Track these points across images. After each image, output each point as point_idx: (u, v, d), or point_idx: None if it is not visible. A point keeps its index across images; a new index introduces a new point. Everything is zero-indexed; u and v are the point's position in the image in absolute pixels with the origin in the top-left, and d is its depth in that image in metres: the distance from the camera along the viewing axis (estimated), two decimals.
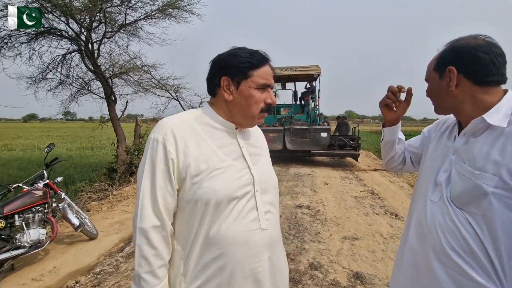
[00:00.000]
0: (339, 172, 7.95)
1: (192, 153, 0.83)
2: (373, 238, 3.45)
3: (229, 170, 0.85)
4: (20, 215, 2.66)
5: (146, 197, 0.81)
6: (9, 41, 6.26)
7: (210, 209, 0.81)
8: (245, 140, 0.97)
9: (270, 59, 0.92)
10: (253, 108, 0.89)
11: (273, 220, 0.93)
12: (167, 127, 0.85)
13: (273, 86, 0.93)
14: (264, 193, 0.91)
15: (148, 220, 0.80)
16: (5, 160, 10.10)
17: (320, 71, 9.36)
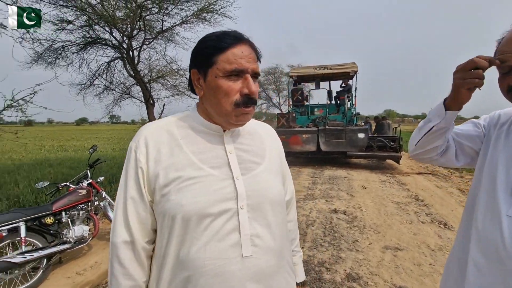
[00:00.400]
0: (378, 175, 7.47)
1: (163, 162, 0.72)
2: (418, 250, 3.13)
3: (203, 181, 0.70)
4: (67, 212, 2.85)
5: (119, 209, 0.73)
6: (62, 51, 6.90)
7: (177, 226, 0.68)
8: (238, 144, 0.80)
9: (245, 37, 0.73)
10: (224, 103, 0.72)
11: (264, 246, 0.72)
12: (142, 133, 0.76)
13: (249, 71, 0.71)
14: (254, 211, 0.72)
15: (118, 235, 0.71)
16: (60, 159, 11.16)
17: (357, 69, 8.92)
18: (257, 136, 0.86)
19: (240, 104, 0.71)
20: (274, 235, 0.74)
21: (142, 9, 6.28)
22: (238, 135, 0.82)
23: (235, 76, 0.70)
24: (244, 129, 0.84)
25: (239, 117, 0.73)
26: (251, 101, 0.73)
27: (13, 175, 7.97)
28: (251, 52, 0.72)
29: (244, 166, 0.76)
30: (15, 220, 2.40)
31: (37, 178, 7.39)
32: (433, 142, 0.92)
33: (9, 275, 2.31)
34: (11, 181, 7.25)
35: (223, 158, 0.75)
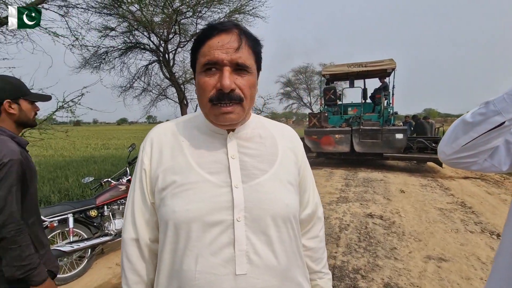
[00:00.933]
0: (418, 179, 6.98)
1: (163, 164, 0.69)
2: (467, 262, 2.85)
3: (199, 187, 0.65)
4: (108, 206, 3.04)
5: (128, 207, 0.74)
6: (106, 56, 7.43)
7: (170, 233, 0.65)
8: (243, 148, 0.71)
9: (229, 25, 0.64)
10: (202, 100, 0.66)
11: (262, 265, 0.63)
12: (150, 135, 0.75)
13: (225, 62, 0.62)
14: (252, 224, 0.64)
15: (127, 232, 0.72)
16: (103, 157, 12.05)
17: (395, 66, 8.42)
18: (269, 139, 0.76)
19: (213, 100, 0.63)
20: (277, 253, 0.65)
21: (178, 14, 6.52)
22: (245, 138, 0.73)
23: (211, 70, 0.63)
24: (254, 131, 0.75)
25: (218, 117, 0.65)
26: (225, 96, 0.62)
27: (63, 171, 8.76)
28: (232, 41, 0.62)
29: (247, 173, 0.68)
30: (65, 212, 2.62)
31: (84, 174, 8.04)
32: (490, 142, 0.73)
33: (59, 262, 2.52)
34: (62, 175, 7.97)
35: (223, 163, 0.68)
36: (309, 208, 0.82)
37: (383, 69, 8.61)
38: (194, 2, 6.49)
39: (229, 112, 0.64)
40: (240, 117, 0.67)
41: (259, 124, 0.79)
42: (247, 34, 0.66)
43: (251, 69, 0.66)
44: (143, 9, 6.22)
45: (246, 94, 0.65)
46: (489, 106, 0.72)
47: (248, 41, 0.65)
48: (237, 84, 0.64)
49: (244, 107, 0.66)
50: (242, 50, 0.63)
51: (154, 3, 6.31)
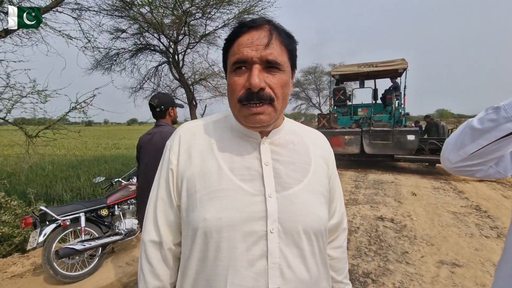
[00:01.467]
0: (430, 181, 6.82)
1: (191, 167, 0.65)
2: (482, 268, 2.76)
3: (231, 195, 0.61)
4: (119, 205, 3.08)
5: (150, 208, 0.70)
6: (117, 58, 7.56)
7: (199, 240, 0.62)
8: (277, 155, 0.68)
9: (259, 22, 0.61)
10: (231, 99, 0.63)
11: (295, 279, 0.61)
12: (178, 132, 0.71)
13: (254, 60, 0.58)
14: (285, 236, 0.61)
15: (148, 234, 0.69)
16: (114, 156, 12.25)
17: (407, 66, 8.26)
18: (302, 146, 0.72)
19: (242, 101, 0.60)
20: (309, 266, 0.63)
21: (187, 15, 6.58)
22: (279, 143, 0.70)
23: (241, 68, 0.60)
24: (287, 137, 0.72)
25: (248, 118, 0.61)
26: (255, 96, 0.58)
27: (75, 170, 8.95)
28: (262, 38, 0.59)
29: (280, 182, 0.65)
30: (77, 211, 2.67)
31: (95, 173, 8.19)
32: (500, 150, 0.68)
33: (71, 260, 2.57)
34: (74, 175, 8.15)
35: (257, 170, 0.65)
36: (335, 218, 0.79)
37: (394, 69, 8.47)
38: (204, 4, 6.53)
39: (259, 113, 0.60)
40: (272, 118, 0.62)
41: (291, 129, 0.75)
42: (279, 29, 0.62)
43: (284, 67, 0.61)
44: (153, 11, 6.30)
45: (277, 94, 0.61)
46: (499, 112, 0.66)
47: (280, 37, 0.61)
48: (267, 83, 0.60)
49: (276, 108, 0.62)
50: (273, 46, 0.59)
51: (164, 5, 6.38)
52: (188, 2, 6.39)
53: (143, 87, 8.29)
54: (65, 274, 2.47)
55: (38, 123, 4.09)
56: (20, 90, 3.74)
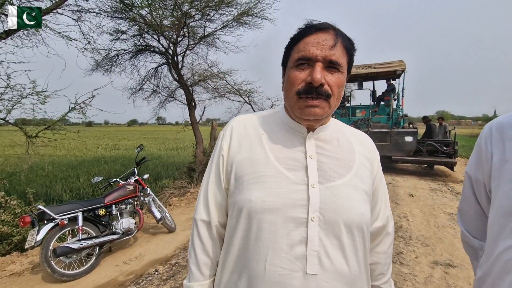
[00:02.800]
0: (427, 183, 6.84)
1: (241, 153, 0.72)
2: None
3: (275, 181, 0.66)
4: (116, 205, 3.11)
5: (202, 190, 0.78)
6: (117, 59, 7.60)
7: (243, 220, 0.67)
8: (321, 149, 0.71)
9: (327, 26, 0.65)
10: (289, 93, 0.67)
11: (333, 269, 0.62)
12: (230, 123, 0.79)
13: (318, 58, 0.63)
14: (326, 226, 0.64)
15: (199, 213, 0.76)
16: (114, 157, 12.29)
17: (405, 67, 8.30)
18: (347, 145, 0.75)
19: (301, 93, 0.65)
20: (349, 260, 0.64)
21: (187, 17, 6.62)
22: (324, 139, 0.73)
23: (303, 65, 0.65)
24: (332, 134, 0.75)
25: (303, 110, 0.66)
26: (314, 90, 0.63)
27: (75, 170, 8.99)
28: (328, 39, 0.64)
29: (323, 174, 0.67)
30: (75, 210, 2.70)
31: (95, 174, 8.23)
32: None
33: (68, 259, 2.60)
34: (73, 175, 8.19)
35: (301, 161, 0.69)
36: (379, 221, 0.78)
37: (392, 71, 8.50)
38: (203, 5, 6.58)
39: (315, 106, 0.65)
40: (325, 113, 0.67)
41: (337, 128, 0.78)
42: (343, 35, 0.67)
43: (343, 69, 0.66)
44: (153, 12, 6.34)
45: (334, 92, 0.65)
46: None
47: (343, 41, 0.66)
48: (326, 81, 0.64)
49: (331, 104, 0.66)
50: (337, 48, 0.64)
51: (164, 6, 6.43)
52: (187, 3, 6.44)
53: (142, 88, 8.32)
54: (62, 272, 2.50)
55: (38, 123, 4.13)
56: (20, 91, 3.78)
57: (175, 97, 8.42)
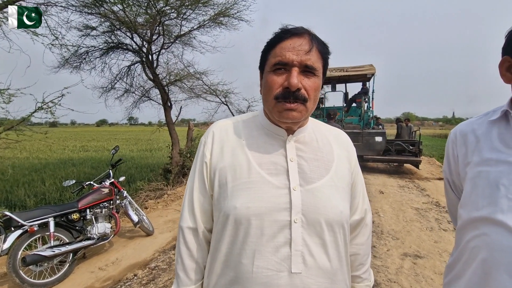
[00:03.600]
0: (396, 180, 7.28)
1: (223, 160, 0.73)
2: (440, 258, 3.03)
3: (258, 187, 0.68)
4: (91, 209, 2.98)
5: (187, 197, 0.79)
6: (86, 56, 7.22)
7: (229, 226, 0.69)
8: (301, 151, 0.74)
9: (302, 31, 0.67)
10: (268, 97, 0.69)
11: (315, 266, 0.67)
12: (212, 129, 0.79)
13: (295, 63, 0.65)
14: (308, 227, 0.67)
15: (185, 220, 0.77)
16: (82, 159, 11.64)
17: (375, 71, 8.76)
18: (326, 145, 0.78)
19: (279, 98, 0.66)
20: (330, 256, 0.69)
21: (162, 15, 6.46)
22: (303, 141, 0.76)
23: (280, 69, 0.67)
24: (311, 135, 0.78)
25: (281, 114, 0.67)
26: (291, 95, 0.65)
27: (39, 174, 8.40)
28: (304, 44, 0.66)
29: (304, 177, 0.70)
30: (45, 215, 2.55)
31: (62, 177, 7.75)
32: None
33: (39, 268, 2.45)
34: (38, 179, 7.65)
35: (282, 165, 0.71)
36: (358, 214, 0.83)
37: (363, 74, 8.93)
38: (179, 4, 6.46)
39: (293, 109, 0.67)
40: (302, 116, 0.69)
41: (315, 128, 0.81)
42: (317, 39, 0.69)
43: (319, 72, 0.69)
44: (126, 9, 6.12)
45: (310, 95, 0.68)
46: None
47: (318, 45, 0.68)
48: (303, 85, 0.66)
49: (307, 108, 0.69)
50: (312, 53, 0.66)
51: (138, 3, 6.23)
52: (162, 1, 6.29)
53: (114, 87, 7.97)
54: (32, 282, 2.35)
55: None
56: None
57: (149, 96, 8.17)
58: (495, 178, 0.69)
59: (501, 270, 0.64)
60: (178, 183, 6.54)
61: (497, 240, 0.66)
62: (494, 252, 0.66)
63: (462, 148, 0.80)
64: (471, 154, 0.77)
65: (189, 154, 6.87)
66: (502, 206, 0.66)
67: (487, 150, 0.73)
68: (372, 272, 0.91)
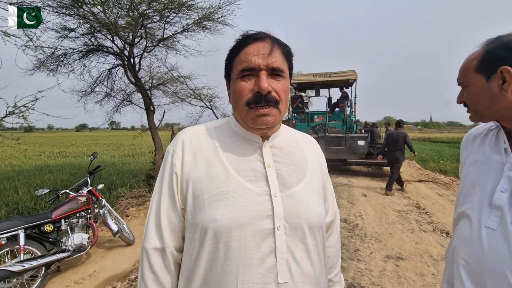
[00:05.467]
0: (378, 183, 7.45)
1: (197, 170, 0.68)
2: (421, 259, 3.10)
3: (239, 196, 0.65)
4: (66, 220, 2.83)
5: (152, 214, 0.71)
6: (64, 58, 6.95)
7: (209, 241, 0.63)
8: (277, 157, 0.73)
9: (263, 34, 0.67)
10: (238, 105, 0.67)
11: (300, 273, 0.65)
12: (180, 137, 0.74)
13: (261, 67, 0.65)
14: (291, 233, 0.66)
15: (150, 241, 0.69)
16: (60, 166, 11.13)
17: (356, 76, 8.98)
18: (299, 150, 0.78)
19: (250, 103, 0.65)
20: (313, 261, 0.68)
21: (144, 18, 6.34)
22: (279, 146, 0.75)
23: (248, 75, 0.66)
24: (285, 141, 0.77)
25: (255, 120, 0.66)
26: (263, 99, 0.64)
27: (12, 182, 7.95)
28: (267, 47, 0.65)
29: (283, 182, 0.69)
30: (15, 227, 2.38)
31: (37, 185, 7.36)
32: None
33: (7, 284, 2.28)
34: (10, 187, 7.23)
35: (261, 171, 0.69)
36: (329, 217, 0.84)
37: (345, 79, 9.14)
38: (162, 7, 6.36)
39: (266, 115, 0.66)
40: (276, 120, 0.68)
41: (287, 134, 0.81)
42: (279, 42, 0.69)
43: (285, 74, 0.69)
44: (107, 11, 5.96)
45: (281, 97, 0.67)
46: None
47: (280, 48, 0.68)
48: (273, 87, 0.66)
49: (280, 110, 0.68)
50: (276, 55, 0.66)
51: (119, 5, 6.07)
52: (145, 4, 6.18)
53: (94, 91, 7.70)
54: None
55: None
56: None
57: (131, 100, 7.96)
58: (475, 177, 0.78)
59: (459, 258, 0.75)
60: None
61: (462, 232, 0.76)
62: (459, 242, 0.77)
63: (465, 151, 0.89)
64: (468, 156, 0.86)
65: None
66: (473, 203, 0.75)
67: (477, 153, 0.82)
68: (343, 276, 0.91)
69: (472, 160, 0.83)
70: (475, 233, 0.72)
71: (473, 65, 0.76)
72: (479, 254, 0.70)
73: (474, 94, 0.78)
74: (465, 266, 0.73)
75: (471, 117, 0.82)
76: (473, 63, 0.76)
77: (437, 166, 10.78)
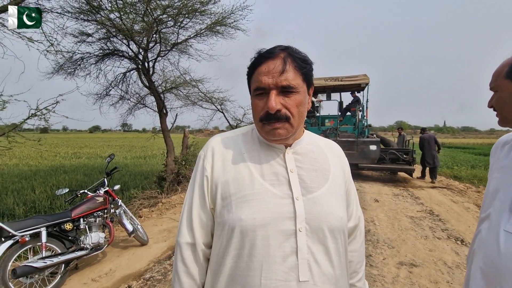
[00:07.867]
0: (391, 189, 7.34)
1: (226, 173, 0.75)
2: (435, 267, 3.05)
3: (262, 198, 0.70)
4: (84, 219, 2.92)
5: (185, 212, 0.79)
6: (81, 62, 7.18)
7: (235, 239, 0.69)
8: (300, 162, 0.77)
9: (275, 51, 0.70)
10: (255, 119, 0.75)
11: (321, 273, 0.68)
12: (210, 144, 0.81)
13: (271, 87, 0.69)
14: (312, 235, 0.69)
15: (183, 236, 0.77)
16: (74, 166, 11.43)
17: (369, 81, 8.91)
18: (321, 155, 0.81)
19: (263, 120, 0.71)
20: (333, 263, 0.71)
21: (158, 23, 6.50)
22: (301, 153, 0.79)
23: (261, 94, 0.71)
24: (307, 147, 0.81)
25: (268, 133, 0.72)
26: (272, 117, 0.69)
27: (29, 181, 8.22)
28: (277, 66, 0.68)
29: (305, 186, 0.73)
30: (38, 225, 2.49)
31: (53, 185, 7.59)
32: None
33: (29, 279, 2.38)
34: (28, 186, 7.47)
35: (283, 176, 0.74)
36: (352, 221, 0.87)
37: (357, 84, 9.07)
38: (176, 12, 6.51)
39: (278, 128, 0.70)
40: (289, 132, 0.72)
41: (310, 140, 0.84)
42: (293, 56, 0.71)
43: (298, 88, 0.70)
44: (123, 16, 6.14)
45: (293, 113, 0.71)
46: None
47: (294, 62, 0.70)
48: (283, 104, 0.70)
49: (293, 124, 0.72)
50: (287, 73, 0.68)
51: (134, 11, 6.25)
52: (159, 10, 6.34)
53: (109, 94, 7.93)
54: None
55: None
56: None
57: (145, 103, 8.14)
58: (499, 183, 0.79)
59: (477, 260, 0.77)
60: (173, 191, 6.47)
61: (481, 235, 0.79)
62: (478, 245, 0.79)
63: (493, 157, 0.92)
64: (496, 162, 0.88)
65: (184, 161, 6.81)
66: (495, 207, 0.77)
67: (504, 159, 0.83)
68: (367, 283, 0.93)
69: (499, 166, 0.84)
70: (493, 236, 0.73)
71: (504, 71, 0.79)
72: (496, 257, 0.71)
73: (502, 99, 0.80)
74: (482, 268, 0.74)
75: (499, 122, 0.84)
76: (504, 69, 0.79)
77: (452, 172, 10.54)
